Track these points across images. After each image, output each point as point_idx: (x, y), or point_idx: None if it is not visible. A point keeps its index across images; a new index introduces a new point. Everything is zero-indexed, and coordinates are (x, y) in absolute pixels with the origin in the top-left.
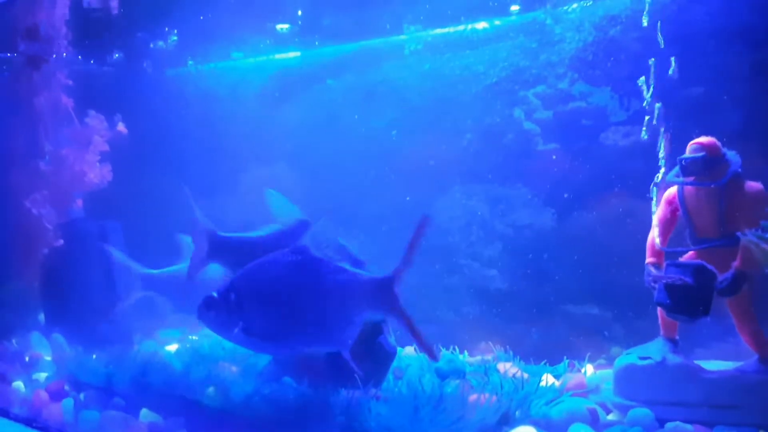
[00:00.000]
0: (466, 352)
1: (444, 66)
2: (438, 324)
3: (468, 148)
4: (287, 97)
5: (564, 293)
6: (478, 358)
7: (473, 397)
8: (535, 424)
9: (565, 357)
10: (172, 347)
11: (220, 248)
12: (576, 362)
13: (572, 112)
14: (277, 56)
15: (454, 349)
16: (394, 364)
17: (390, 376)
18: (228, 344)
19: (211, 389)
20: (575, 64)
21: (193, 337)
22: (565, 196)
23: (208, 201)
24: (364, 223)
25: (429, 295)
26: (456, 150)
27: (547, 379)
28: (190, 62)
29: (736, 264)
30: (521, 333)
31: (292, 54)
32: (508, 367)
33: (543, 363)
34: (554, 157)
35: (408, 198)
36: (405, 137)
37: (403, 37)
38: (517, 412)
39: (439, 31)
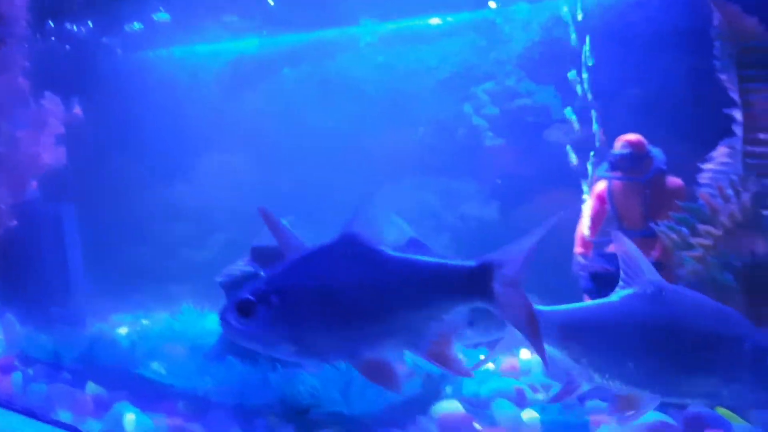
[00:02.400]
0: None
1: (398, 59)
2: None
3: (420, 141)
4: (244, 84)
5: None
6: None
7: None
8: (463, 401)
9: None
10: (123, 330)
11: None
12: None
13: (518, 108)
14: (235, 43)
15: None
16: None
17: None
18: (178, 327)
19: (155, 364)
20: (522, 63)
21: (145, 321)
22: (510, 189)
23: (165, 187)
24: (318, 212)
25: None
26: (409, 142)
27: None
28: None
29: (654, 253)
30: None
31: (248, 42)
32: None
33: (482, 347)
34: (501, 151)
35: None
36: (359, 128)
37: (358, 29)
38: (448, 389)
39: (393, 24)
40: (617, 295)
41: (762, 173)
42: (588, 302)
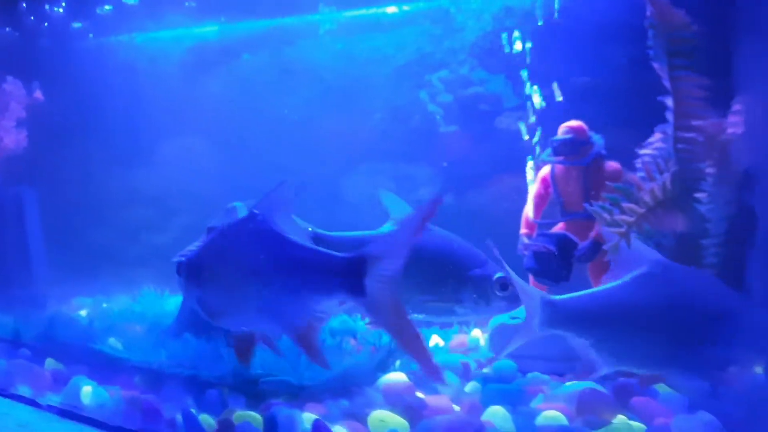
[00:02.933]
0: (368, 318)
1: (356, 47)
2: None
3: (377, 128)
4: (204, 70)
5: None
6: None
7: (357, 348)
8: (411, 373)
9: (455, 322)
10: (83, 312)
11: None
12: (464, 327)
13: (471, 96)
14: (195, 29)
15: (356, 315)
16: None
17: None
18: (138, 309)
19: (112, 339)
20: (475, 51)
21: (106, 305)
22: (464, 175)
23: (126, 171)
24: None
25: None
26: (366, 129)
27: (436, 341)
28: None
29: (592, 234)
30: (423, 302)
31: (208, 28)
32: None
33: (435, 327)
34: (455, 138)
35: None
36: (317, 114)
37: (318, 16)
38: (397, 363)
39: (352, 12)
40: (627, 278)
41: (690, 157)
42: (599, 287)
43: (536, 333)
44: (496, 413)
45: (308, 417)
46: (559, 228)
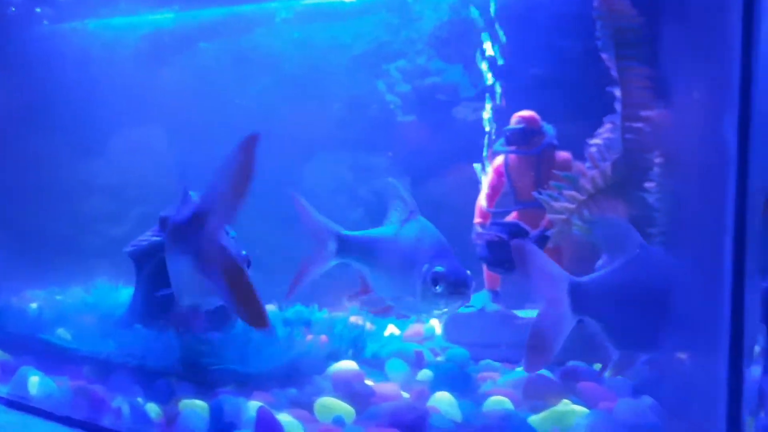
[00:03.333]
0: (325, 309)
1: (313, 36)
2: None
3: (335, 117)
4: (159, 58)
5: None
6: (335, 313)
7: (309, 337)
8: (362, 362)
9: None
10: (34, 305)
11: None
12: (423, 316)
13: (429, 86)
14: (150, 16)
15: (313, 306)
16: None
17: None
18: (91, 300)
19: (61, 330)
20: (432, 41)
21: (59, 297)
22: (421, 164)
23: (81, 162)
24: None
25: (294, 258)
26: (324, 118)
27: (392, 330)
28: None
29: (544, 223)
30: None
31: (163, 16)
32: (357, 320)
33: (392, 317)
34: (413, 127)
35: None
36: (275, 104)
37: (274, 4)
38: (349, 352)
39: (309, 1)
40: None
41: (638, 146)
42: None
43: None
44: (441, 399)
45: (254, 405)
46: (512, 217)
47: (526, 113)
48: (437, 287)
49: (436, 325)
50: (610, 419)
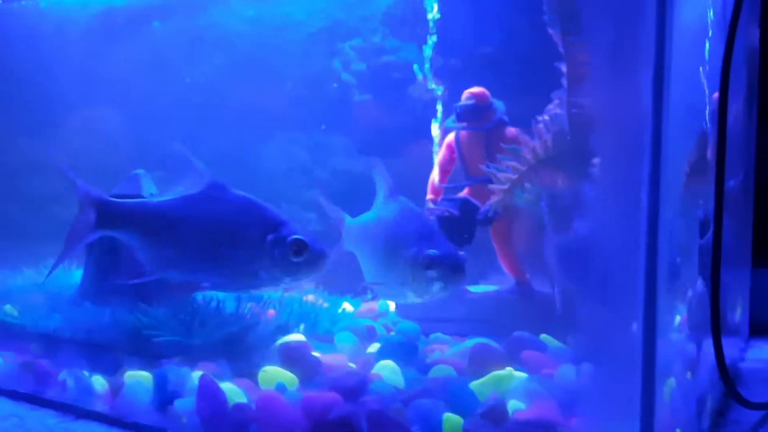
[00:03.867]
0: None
1: (267, 13)
2: None
3: (290, 96)
4: (112, 37)
5: None
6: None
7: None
8: (313, 336)
9: (369, 291)
10: None
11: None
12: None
13: (384, 65)
14: None
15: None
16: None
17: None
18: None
19: (8, 306)
20: (387, 20)
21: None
22: (377, 143)
23: (32, 143)
24: (188, 168)
25: None
26: (280, 97)
27: (344, 307)
28: None
29: (492, 198)
30: (334, 271)
31: None
32: (310, 298)
33: (348, 296)
34: (369, 106)
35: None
36: (230, 82)
37: None
38: (301, 327)
39: None
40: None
41: (583, 121)
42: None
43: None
44: (385, 366)
45: (198, 374)
46: (464, 193)
47: (476, 90)
48: (431, 272)
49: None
50: (549, 383)
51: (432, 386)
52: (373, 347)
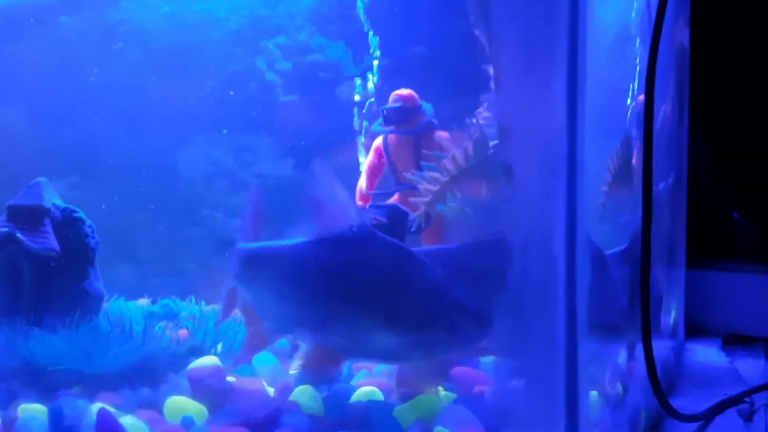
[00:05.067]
0: (203, 302)
1: (185, 9)
2: (179, 276)
3: (211, 96)
4: (15, 33)
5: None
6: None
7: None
8: (233, 357)
9: None
10: None
11: None
12: None
13: (311, 64)
14: None
15: (191, 299)
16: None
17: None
18: None
19: None
20: (313, 17)
21: None
22: (304, 146)
23: None
24: (104, 173)
25: (169, 247)
26: (199, 97)
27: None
28: None
29: (423, 204)
30: None
31: None
32: (235, 313)
33: None
34: (295, 107)
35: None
36: (145, 81)
37: None
38: (219, 346)
39: None
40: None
41: (504, 126)
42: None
43: None
44: (303, 392)
45: (97, 407)
46: (393, 199)
47: (404, 91)
48: None
49: None
50: (478, 404)
51: (354, 415)
52: (296, 367)
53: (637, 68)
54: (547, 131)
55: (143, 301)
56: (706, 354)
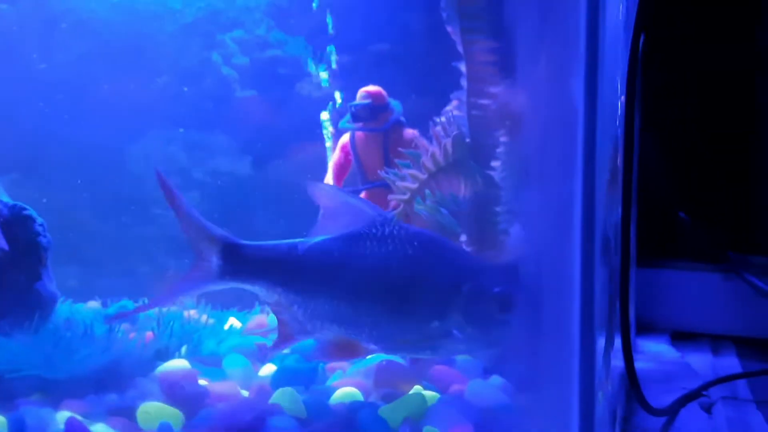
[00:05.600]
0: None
1: (136, 0)
2: (130, 276)
3: (164, 91)
4: None
5: (261, 239)
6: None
7: (132, 335)
8: (198, 360)
9: (256, 302)
10: None
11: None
12: (266, 306)
13: (269, 59)
14: None
15: (144, 300)
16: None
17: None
18: None
19: None
20: (271, 11)
21: None
22: (263, 144)
23: None
24: (48, 170)
25: (120, 247)
26: (152, 92)
27: (232, 323)
28: None
29: (393, 203)
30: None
31: None
32: (193, 314)
33: (234, 309)
34: (253, 103)
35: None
36: (92, 74)
37: None
38: (182, 349)
39: None
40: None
41: (485, 123)
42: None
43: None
44: (284, 394)
45: (63, 416)
46: (361, 197)
47: (372, 88)
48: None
49: None
50: (461, 403)
51: (338, 416)
52: (266, 369)
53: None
54: (564, 125)
55: (93, 304)
56: (658, 350)
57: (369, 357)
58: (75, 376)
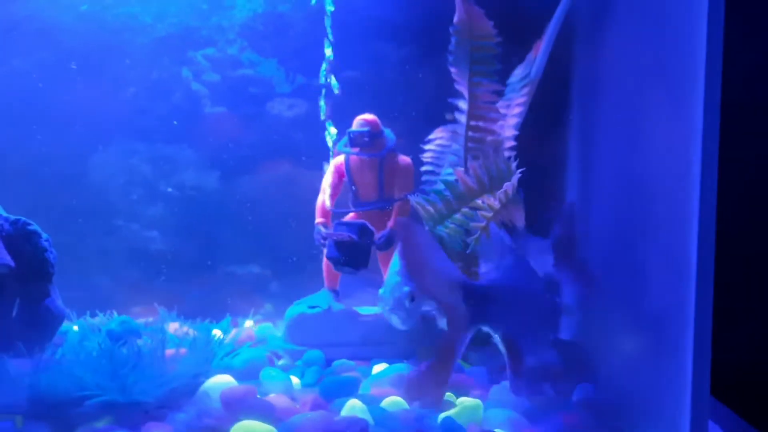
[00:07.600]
0: (125, 316)
1: (106, 11)
2: (92, 289)
3: (131, 103)
4: None
5: (227, 253)
6: (142, 320)
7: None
8: (236, 373)
9: (227, 314)
10: None
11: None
12: (238, 319)
13: (240, 78)
14: None
15: (111, 313)
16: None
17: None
18: None
19: None
20: (245, 32)
21: None
22: (231, 159)
23: None
24: (5, 179)
25: (81, 259)
26: (117, 104)
27: (219, 335)
28: None
29: (390, 224)
30: (182, 294)
31: None
32: (176, 327)
33: (207, 321)
34: (222, 119)
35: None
36: (57, 85)
37: None
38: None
39: None
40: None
41: (480, 156)
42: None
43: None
44: (354, 407)
45: None
46: (350, 217)
47: (369, 116)
48: None
49: (249, 324)
50: (507, 406)
51: (406, 423)
52: (295, 380)
53: None
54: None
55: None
56: None
57: (383, 368)
58: (144, 398)
